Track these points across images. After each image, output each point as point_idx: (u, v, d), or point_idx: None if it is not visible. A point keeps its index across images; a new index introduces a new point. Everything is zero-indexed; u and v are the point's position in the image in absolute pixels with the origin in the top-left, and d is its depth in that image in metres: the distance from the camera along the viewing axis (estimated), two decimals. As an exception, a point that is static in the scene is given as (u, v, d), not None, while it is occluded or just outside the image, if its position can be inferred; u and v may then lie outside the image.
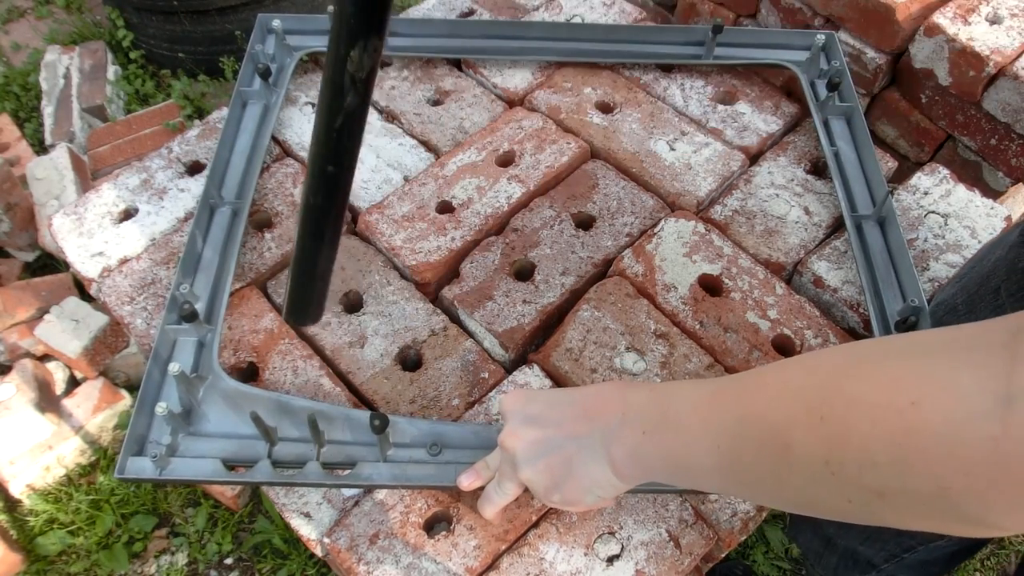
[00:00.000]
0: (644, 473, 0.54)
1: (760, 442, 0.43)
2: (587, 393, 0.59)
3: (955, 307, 0.75)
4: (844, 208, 0.89)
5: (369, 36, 0.42)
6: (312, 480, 0.69)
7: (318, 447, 0.70)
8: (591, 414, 0.56)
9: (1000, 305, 0.67)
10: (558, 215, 0.91)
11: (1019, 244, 0.67)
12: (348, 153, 0.49)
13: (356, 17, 0.42)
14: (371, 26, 0.42)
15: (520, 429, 0.59)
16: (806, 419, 0.40)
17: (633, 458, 0.53)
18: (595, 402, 0.57)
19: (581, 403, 0.58)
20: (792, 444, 0.41)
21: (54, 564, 1.40)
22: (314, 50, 1.05)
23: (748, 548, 1.44)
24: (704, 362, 0.79)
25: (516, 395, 0.62)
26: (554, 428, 0.58)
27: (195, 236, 0.85)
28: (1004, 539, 1.48)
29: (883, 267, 0.85)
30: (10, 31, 2.42)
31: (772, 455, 0.42)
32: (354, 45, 0.43)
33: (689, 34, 1.06)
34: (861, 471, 0.37)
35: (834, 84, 0.98)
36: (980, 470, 0.33)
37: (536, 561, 0.68)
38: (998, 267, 0.70)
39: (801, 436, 0.40)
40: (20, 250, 1.76)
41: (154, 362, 0.76)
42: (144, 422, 0.74)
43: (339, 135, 0.47)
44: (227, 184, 0.92)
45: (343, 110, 0.45)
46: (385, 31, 0.43)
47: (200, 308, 0.80)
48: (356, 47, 0.43)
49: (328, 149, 0.48)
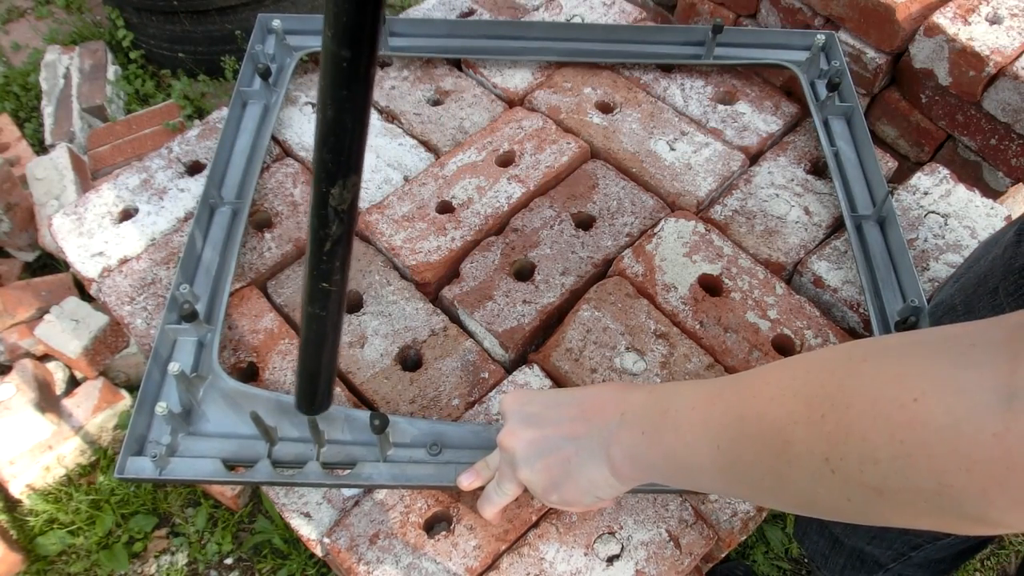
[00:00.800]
0: (643, 474, 0.54)
1: (760, 440, 0.43)
2: (586, 394, 0.59)
3: (953, 307, 0.75)
4: (844, 208, 0.89)
5: (348, 175, 0.47)
6: (312, 480, 0.69)
7: (318, 447, 0.70)
8: (589, 415, 0.56)
9: (998, 305, 0.67)
10: (558, 215, 0.91)
11: (1015, 244, 0.67)
12: (339, 271, 0.53)
13: (334, 162, 0.47)
14: (349, 167, 0.47)
15: (519, 429, 0.59)
16: (806, 416, 0.40)
17: (632, 459, 0.53)
18: (594, 403, 0.57)
19: (580, 403, 0.58)
20: (792, 441, 0.41)
21: (54, 564, 1.40)
22: (314, 50, 1.05)
23: (748, 548, 1.44)
24: (704, 362, 0.79)
25: (515, 395, 0.62)
26: (552, 428, 0.58)
27: (195, 236, 0.85)
28: (1004, 539, 1.48)
29: (883, 267, 0.85)
30: (10, 31, 2.42)
31: (772, 453, 0.42)
32: (334, 184, 0.47)
33: (689, 34, 1.06)
34: (862, 468, 0.37)
35: (834, 84, 0.98)
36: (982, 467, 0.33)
37: (536, 561, 0.68)
38: (995, 267, 0.70)
39: (802, 433, 0.40)
40: (20, 250, 1.76)
41: (154, 362, 0.76)
42: (144, 422, 0.74)
43: (329, 256, 0.51)
44: (227, 184, 0.92)
45: (330, 237, 0.50)
46: (361, 168, 0.48)
47: (200, 308, 0.80)
48: (336, 185, 0.47)
49: (320, 270, 0.53)
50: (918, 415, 0.35)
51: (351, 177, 0.47)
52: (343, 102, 0.44)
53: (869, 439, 0.36)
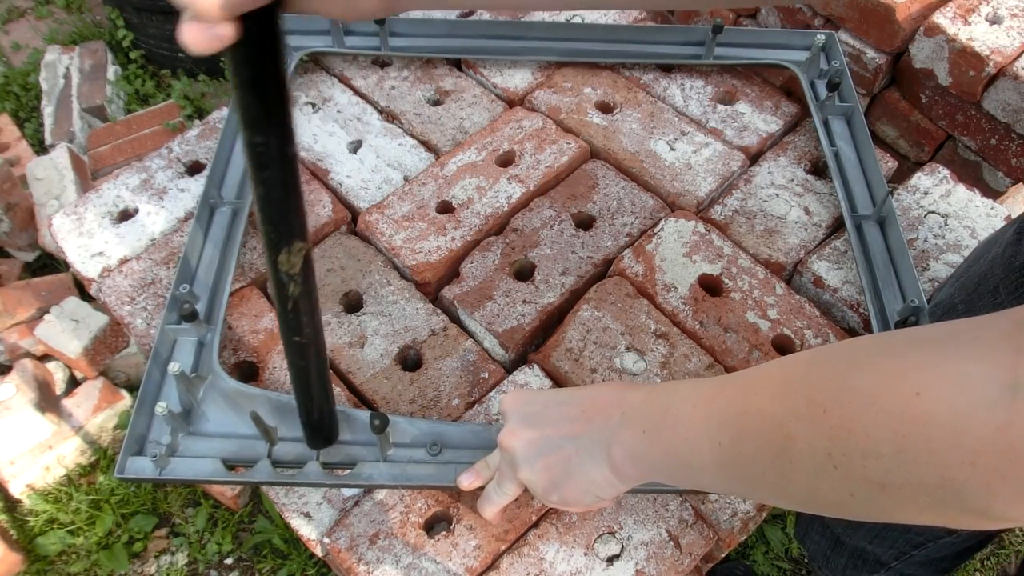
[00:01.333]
0: (645, 473, 0.54)
1: (762, 436, 0.43)
2: (586, 393, 0.59)
3: (954, 306, 0.75)
4: (844, 208, 0.89)
5: (291, 242, 0.49)
6: (312, 480, 0.69)
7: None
8: (590, 414, 0.56)
9: (999, 303, 0.67)
10: (558, 215, 0.91)
11: (1015, 242, 0.67)
12: (308, 324, 0.56)
13: (274, 233, 0.49)
14: (290, 235, 0.49)
15: (519, 429, 0.59)
16: (808, 411, 0.40)
17: (633, 458, 0.53)
18: (594, 402, 0.57)
19: (580, 403, 0.58)
20: (794, 437, 0.41)
21: (54, 564, 1.40)
22: (314, 50, 1.05)
23: (748, 548, 1.44)
24: (704, 362, 0.79)
25: (516, 395, 0.62)
26: (553, 428, 0.58)
27: (195, 236, 0.85)
28: (1004, 539, 1.48)
29: (883, 267, 0.85)
30: (10, 31, 2.42)
31: (774, 449, 0.42)
32: (279, 252, 0.49)
33: (689, 34, 1.06)
34: (864, 463, 0.37)
35: (834, 84, 0.98)
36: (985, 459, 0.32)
37: (536, 561, 0.68)
38: (995, 265, 0.70)
39: (803, 429, 0.40)
40: (20, 250, 1.76)
41: (154, 362, 0.76)
42: (144, 422, 0.74)
43: (295, 314, 0.54)
44: (227, 184, 0.92)
45: (290, 297, 0.52)
46: (305, 233, 0.50)
47: (200, 308, 0.80)
48: (281, 252, 0.49)
49: (290, 326, 0.55)
50: (920, 409, 0.34)
51: (295, 243, 0.50)
52: (267, 181, 0.47)
53: (871, 434, 0.36)
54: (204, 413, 0.74)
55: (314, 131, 1.01)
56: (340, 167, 0.97)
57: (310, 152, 0.98)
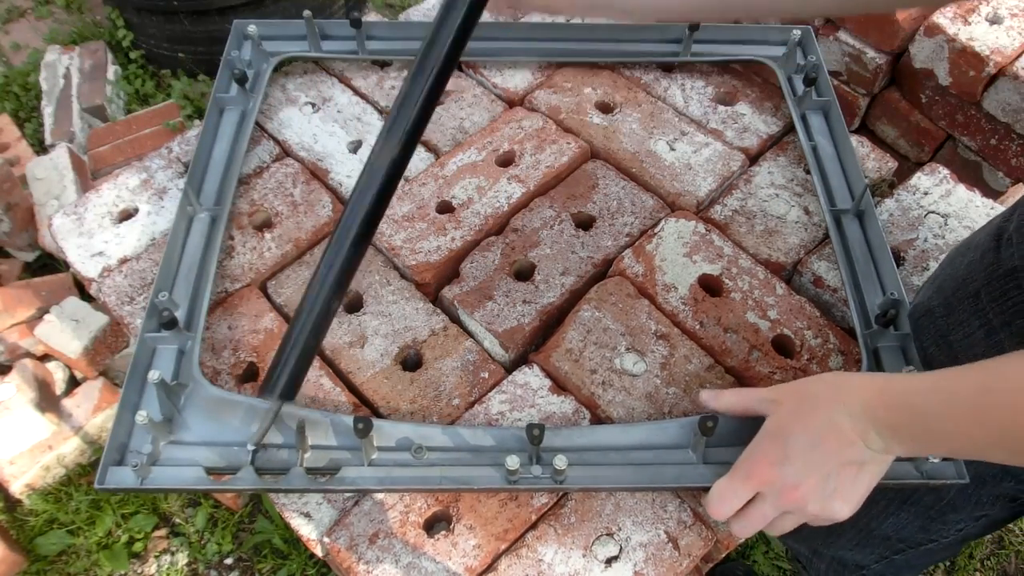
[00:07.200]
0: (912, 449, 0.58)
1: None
2: (817, 427, 0.58)
3: (931, 310, 0.75)
4: (823, 202, 0.89)
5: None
6: (296, 486, 0.68)
7: (301, 453, 0.69)
8: (833, 445, 0.57)
9: (981, 309, 0.67)
10: (558, 215, 0.91)
11: (995, 249, 0.67)
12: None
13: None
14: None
15: (796, 487, 0.58)
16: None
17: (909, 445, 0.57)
18: (835, 434, 0.57)
19: (823, 436, 0.58)
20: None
21: (54, 564, 1.40)
22: (291, 55, 1.04)
23: (748, 548, 1.44)
24: (704, 363, 0.79)
25: (759, 471, 0.60)
26: (819, 469, 0.58)
27: (174, 243, 0.84)
28: (1004, 539, 1.48)
29: (863, 260, 0.85)
30: (10, 31, 2.42)
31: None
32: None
33: (665, 32, 1.05)
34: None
35: (811, 79, 0.98)
36: None
37: (535, 563, 0.68)
38: (973, 271, 0.69)
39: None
40: (20, 250, 1.76)
41: (134, 370, 0.75)
42: (124, 431, 0.72)
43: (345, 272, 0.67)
44: (205, 191, 0.91)
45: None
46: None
47: (180, 315, 0.79)
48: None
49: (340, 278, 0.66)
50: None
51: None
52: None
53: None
54: (186, 421, 0.72)
55: (314, 131, 1.00)
56: (340, 167, 0.97)
57: (310, 152, 0.98)
